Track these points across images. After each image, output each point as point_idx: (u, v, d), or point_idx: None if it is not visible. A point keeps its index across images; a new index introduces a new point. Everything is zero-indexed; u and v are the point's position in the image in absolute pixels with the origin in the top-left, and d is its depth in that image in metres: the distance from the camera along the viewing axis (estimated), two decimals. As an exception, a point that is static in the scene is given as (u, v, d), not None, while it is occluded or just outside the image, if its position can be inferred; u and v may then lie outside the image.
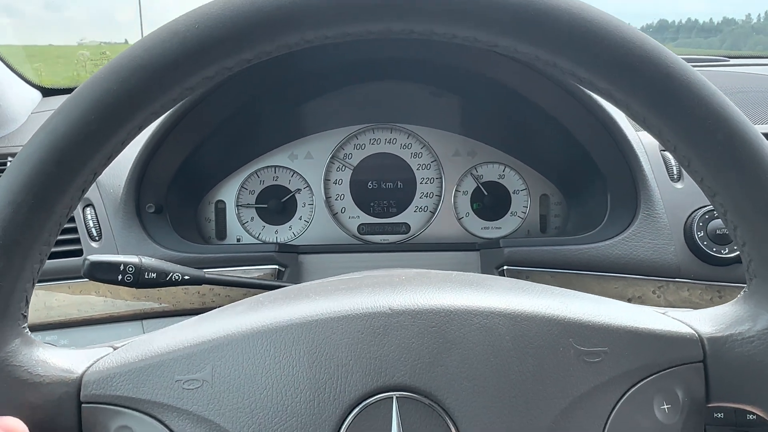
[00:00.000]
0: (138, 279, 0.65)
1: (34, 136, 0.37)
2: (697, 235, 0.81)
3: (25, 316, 0.39)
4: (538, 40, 0.38)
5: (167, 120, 0.86)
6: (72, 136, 0.36)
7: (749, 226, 0.39)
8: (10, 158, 0.93)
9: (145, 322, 0.84)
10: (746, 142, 0.38)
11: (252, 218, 1.03)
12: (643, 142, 0.88)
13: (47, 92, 1.22)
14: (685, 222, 0.83)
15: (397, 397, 0.37)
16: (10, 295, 0.37)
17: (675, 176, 0.86)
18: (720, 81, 1.15)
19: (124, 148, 0.39)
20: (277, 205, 1.02)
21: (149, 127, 0.43)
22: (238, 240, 1.03)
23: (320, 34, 0.38)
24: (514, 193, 1.04)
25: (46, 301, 0.82)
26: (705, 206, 0.83)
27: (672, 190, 0.85)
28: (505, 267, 0.84)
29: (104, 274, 0.64)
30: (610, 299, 0.45)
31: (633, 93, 0.38)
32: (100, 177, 0.40)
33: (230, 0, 0.37)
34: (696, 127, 0.38)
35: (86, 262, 0.64)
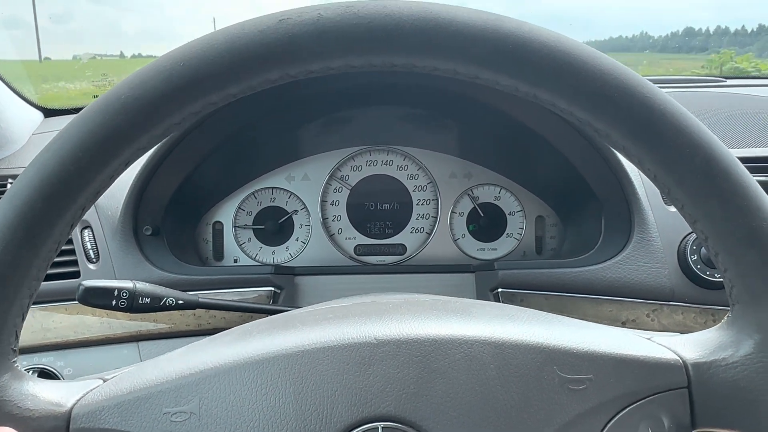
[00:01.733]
0: (132, 304, 0.65)
1: (23, 173, 0.38)
2: (691, 258, 0.82)
3: (15, 351, 0.39)
4: (517, 72, 0.38)
5: (165, 143, 0.87)
6: (61, 173, 0.37)
7: (730, 252, 0.39)
8: (10, 179, 0.94)
9: (141, 344, 0.85)
10: (724, 169, 0.38)
11: (249, 239, 1.04)
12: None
13: (49, 113, 1.23)
14: (679, 245, 0.84)
15: (382, 428, 0.38)
16: (0, 331, 0.37)
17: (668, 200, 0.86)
18: (715, 103, 1.16)
19: (112, 182, 0.40)
20: (274, 226, 1.03)
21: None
22: (235, 261, 1.04)
23: (303, 69, 0.38)
24: (509, 214, 1.05)
25: (43, 322, 0.82)
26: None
27: (665, 214, 0.85)
28: (499, 289, 0.84)
29: (98, 299, 0.65)
30: (596, 324, 0.45)
31: (612, 124, 0.39)
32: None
33: (214, 37, 0.38)
34: (674, 155, 0.38)
35: (80, 287, 0.65)
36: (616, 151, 0.86)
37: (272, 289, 0.86)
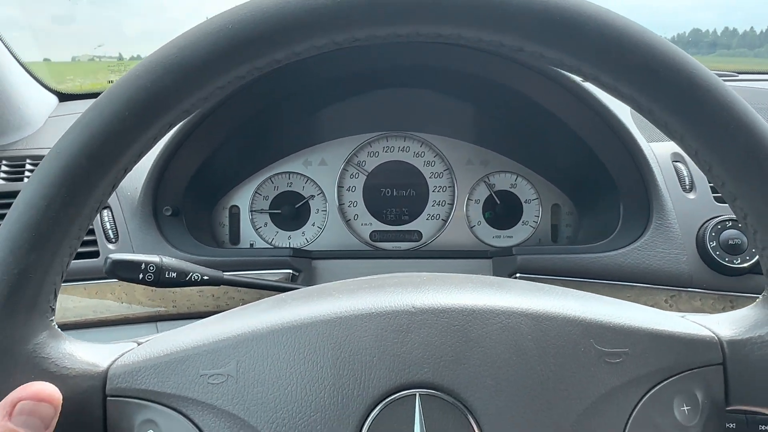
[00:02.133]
0: (159, 278, 0.65)
1: (68, 131, 0.38)
2: (710, 245, 0.82)
3: (53, 309, 0.39)
4: (564, 45, 0.38)
5: (185, 125, 0.87)
6: (105, 131, 0.37)
7: None
8: (28, 160, 0.95)
9: (159, 324, 0.85)
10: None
11: (265, 223, 1.04)
12: (655, 153, 0.88)
13: (64, 97, 1.23)
14: (698, 232, 0.84)
15: (420, 395, 0.38)
16: (40, 287, 0.37)
17: (687, 187, 0.86)
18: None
19: (154, 145, 0.40)
20: (290, 210, 1.03)
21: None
22: (251, 245, 1.04)
23: (350, 36, 0.38)
24: (525, 202, 1.05)
25: (62, 302, 0.83)
26: (717, 216, 0.83)
27: (684, 201, 0.85)
28: (517, 274, 0.84)
29: (126, 272, 0.65)
30: (630, 303, 0.46)
31: (656, 98, 0.39)
32: None
33: (262, 1, 0.38)
34: (718, 132, 0.38)
35: (108, 260, 0.65)
36: (635, 136, 0.86)
37: (290, 271, 0.86)
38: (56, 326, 0.40)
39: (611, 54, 0.38)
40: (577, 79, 0.86)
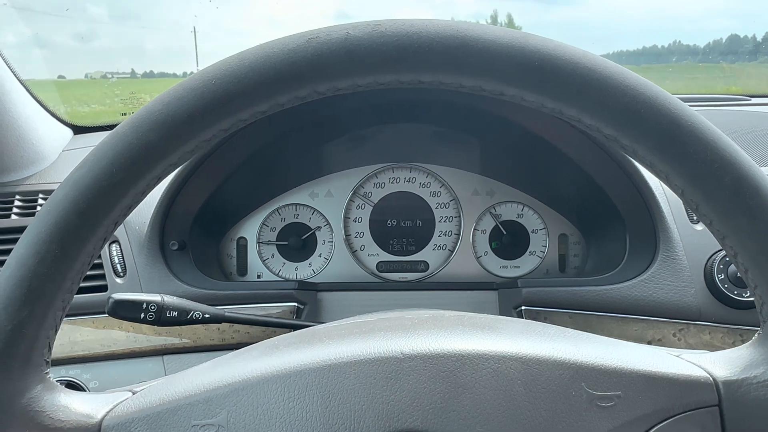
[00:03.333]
0: (159, 317, 0.66)
1: (58, 189, 0.39)
2: (718, 277, 0.81)
3: (48, 362, 0.40)
4: (543, 89, 0.39)
5: (192, 160, 0.88)
6: (94, 188, 0.38)
7: (760, 268, 0.39)
8: (41, 195, 0.96)
9: (165, 357, 0.85)
10: (754, 185, 0.38)
11: (273, 255, 1.05)
12: (662, 184, 0.88)
13: (78, 130, 1.26)
14: (705, 264, 0.83)
15: None
16: (34, 342, 0.38)
17: (694, 218, 0.86)
18: (739, 121, 1.15)
19: (144, 197, 0.41)
20: (297, 242, 1.04)
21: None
22: (259, 276, 1.04)
23: (332, 86, 0.39)
24: (532, 232, 1.04)
25: (71, 335, 0.84)
26: (725, 249, 0.82)
27: (692, 232, 0.85)
28: (523, 307, 0.84)
29: (127, 312, 0.66)
30: (623, 342, 0.45)
31: (639, 139, 0.39)
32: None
33: (244, 56, 0.39)
34: (703, 171, 0.38)
35: (110, 300, 0.66)
36: (640, 169, 0.86)
37: (295, 304, 0.87)
38: (51, 378, 0.41)
39: (591, 96, 0.38)
40: None
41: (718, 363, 0.42)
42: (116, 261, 0.87)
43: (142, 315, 0.65)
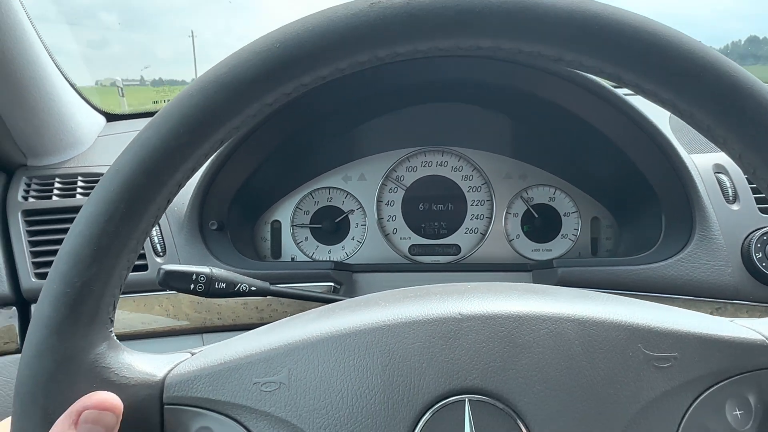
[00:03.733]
0: (209, 288, 0.67)
1: (126, 149, 0.39)
2: (756, 256, 0.81)
3: (112, 321, 0.41)
4: (603, 53, 0.39)
5: (229, 143, 0.89)
6: (162, 149, 0.38)
7: None
8: (80, 177, 0.98)
9: (205, 335, 0.87)
10: None
11: (306, 238, 1.06)
12: (696, 164, 0.88)
13: (111, 117, 1.28)
14: (743, 243, 0.82)
15: (469, 400, 0.38)
16: (100, 299, 0.39)
17: (731, 198, 0.86)
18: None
19: (206, 161, 0.41)
20: (330, 225, 1.05)
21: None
22: (293, 259, 1.06)
23: (392, 51, 0.40)
24: (564, 215, 1.05)
25: (112, 313, 0.85)
26: (762, 228, 0.82)
27: (728, 212, 0.85)
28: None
29: (178, 282, 0.67)
30: (677, 308, 0.46)
31: (697, 102, 0.39)
32: None
33: (307, 21, 0.39)
34: (762, 135, 0.38)
35: (161, 271, 0.67)
36: (676, 147, 0.86)
37: (332, 284, 0.88)
38: (115, 337, 0.42)
39: (651, 60, 0.38)
40: (618, 90, 0.86)
41: None
42: (156, 240, 0.88)
43: (192, 286, 0.67)
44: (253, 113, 0.40)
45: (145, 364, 0.42)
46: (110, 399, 0.38)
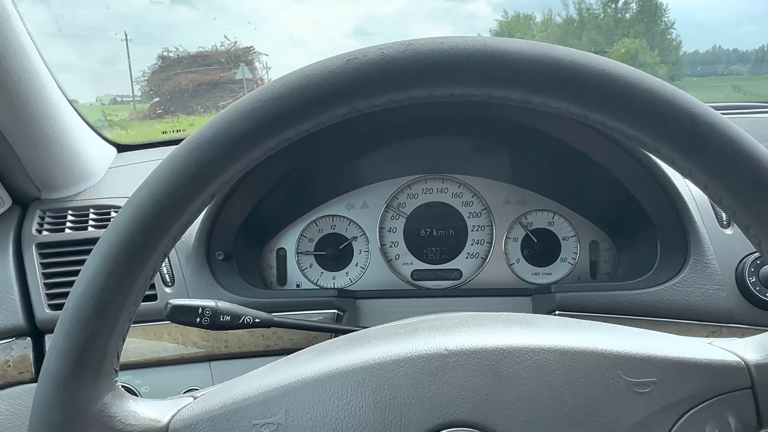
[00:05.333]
0: (214, 321, 0.70)
1: (123, 210, 0.42)
2: (749, 280, 0.82)
3: (117, 371, 0.43)
4: (568, 95, 0.41)
5: (235, 174, 0.92)
6: (156, 208, 0.41)
7: None
8: (92, 210, 1.01)
9: (213, 363, 0.89)
10: None
11: (311, 265, 1.09)
12: (691, 189, 0.90)
13: (121, 148, 1.31)
14: (737, 267, 0.84)
15: None
16: (104, 352, 0.41)
17: (725, 222, 0.87)
18: (753, 128, 1.15)
19: (199, 215, 0.44)
20: (334, 252, 1.07)
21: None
22: (298, 286, 1.08)
23: (370, 103, 0.42)
24: (563, 239, 1.06)
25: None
26: (756, 252, 0.83)
27: (722, 236, 0.86)
28: (557, 312, 0.86)
29: (184, 316, 0.70)
30: (657, 332, 0.47)
31: (660, 138, 0.41)
32: None
33: (288, 79, 0.42)
34: (723, 165, 0.40)
35: (168, 305, 0.70)
36: (669, 174, 0.88)
37: (335, 311, 0.90)
38: (120, 386, 0.44)
39: (614, 100, 0.40)
40: None
41: (749, 348, 0.43)
42: (165, 271, 0.91)
43: (198, 319, 0.69)
44: (241, 168, 0.43)
45: (150, 410, 0.44)
46: None
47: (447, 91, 0.42)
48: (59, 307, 0.77)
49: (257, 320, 0.73)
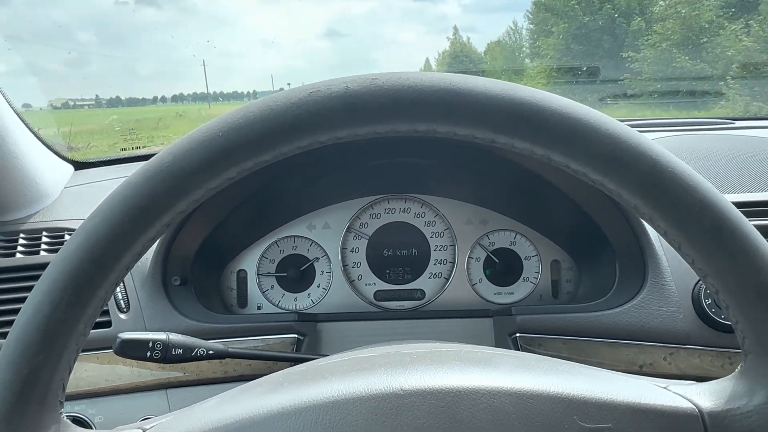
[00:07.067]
0: (165, 355, 0.68)
1: (73, 237, 0.41)
2: (705, 302, 0.83)
3: (62, 403, 0.42)
4: (532, 137, 0.41)
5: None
6: (108, 237, 0.40)
7: (740, 306, 0.41)
8: (45, 233, 0.98)
9: (169, 391, 0.87)
10: (732, 228, 0.40)
11: (272, 286, 1.07)
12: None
13: (79, 166, 1.28)
14: (693, 289, 0.85)
15: None
16: (49, 384, 0.40)
17: (681, 244, 0.88)
18: (719, 145, 1.18)
19: (152, 244, 0.43)
20: (296, 273, 1.06)
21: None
22: (259, 308, 1.06)
23: (332, 136, 0.41)
24: (525, 259, 1.07)
25: (76, 371, 0.84)
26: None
27: (679, 259, 0.84)
28: (518, 334, 0.86)
29: (134, 351, 0.68)
30: (614, 373, 0.47)
31: (623, 184, 0.41)
32: None
33: (248, 109, 0.41)
34: (683, 214, 0.40)
35: (117, 340, 0.68)
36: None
37: (296, 335, 0.88)
38: (65, 418, 0.42)
39: (577, 144, 0.41)
40: None
41: (704, 395, 0.44)
42: (119, 297, 0.88)
43: (148, 353, 0.67)
44: (197, 198, 0.42)
45: None
46: None
47: (411, 127, 0.42)
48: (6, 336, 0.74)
49: (210, 352, 0.71)
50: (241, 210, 0.98)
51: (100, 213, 0.41)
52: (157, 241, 0.88)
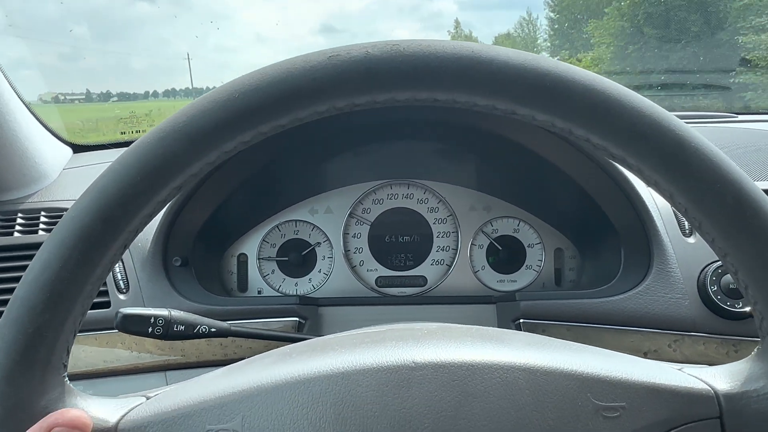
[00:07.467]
0: (167, 331, 0.67)
1: (83, 195, 0.40)
2: (711, 289, 0.83)
3: (66, 366, 0.41)
4: (554, 109, 0.40)
5: (195, 177, 0.89)
6: (119, 196, 0.39)
7: (760, 285, 0.40)
8: (43, 213, 0.97)
9: (168, 373, 0.86)
10: (755, 205, 0.39)
11: (273, 271, 1.06)
12: (655, 198, 0.90)
13: (78, 148, 1.27)
14: (699, 276, 0.84)
15: None
16: (53, 346, 0.39)
17: (687, 231, 0.88)
18: (727, 138, 1.18)
19: (164, 206, 0.42)
20: (297, 258, 1.05)
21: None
22: (259, 292, 1.05)
23: (350, 102, 0.40)
24: (528, 246, 1.06)
25: (74, 351, 0.83)
26: (717, 261, 0.84)
27: (684, 245, 0.87)
28: (521, 320, 0.85)
29: (135, 326, 0.67)
30: (628, 355, 0.46)
31: (644, 159, 0.40)
32: None
33: (267, 72, 0.40)
34: (705, 191, 0.40)
35: (119, 314, 0.67)
36: (634, 184, 0.88)
37: (297, 319, 0.87)
38: (68, 382, 0.42)
39: (600, 117, 0.40)
40: None
41: (720, 376, 0.43)
42: (119, 277, 0.87)
43: (150, 329, 0.66)
44: (211, 161, 0.41)
45: (99, 409, 0.42)
46: (82, 418, 0.39)
47: (431, 96, 0.41)
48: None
49: (213, 330, 0.70)
50: (242, 191, 0.97)
51: (111, 172, 0.40)
52: (158, 219, 0.89)
